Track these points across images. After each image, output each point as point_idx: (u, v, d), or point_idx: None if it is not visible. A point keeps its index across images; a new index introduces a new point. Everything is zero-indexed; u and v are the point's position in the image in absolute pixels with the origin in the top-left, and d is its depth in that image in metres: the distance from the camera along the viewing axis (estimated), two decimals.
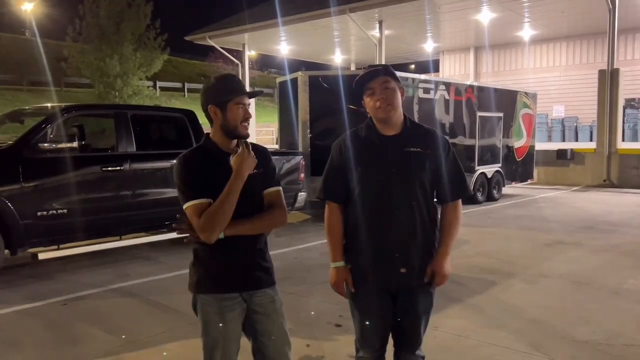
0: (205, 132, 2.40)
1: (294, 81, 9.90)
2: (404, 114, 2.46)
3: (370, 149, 2.38)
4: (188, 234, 2.24)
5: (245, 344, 2.35)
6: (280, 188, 2.39)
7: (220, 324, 2.22)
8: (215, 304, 2.23)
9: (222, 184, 2.17)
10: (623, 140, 16.56)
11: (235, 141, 2.29)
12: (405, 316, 2.41)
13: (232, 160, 2.18)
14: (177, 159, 2.27)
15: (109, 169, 6.12)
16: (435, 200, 2.48)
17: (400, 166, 2.35)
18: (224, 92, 2.24)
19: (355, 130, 2.49)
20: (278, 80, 11.03)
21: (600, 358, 3.64)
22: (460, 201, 2.49)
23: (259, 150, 2.35)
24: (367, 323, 2.40)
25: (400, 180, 2.34)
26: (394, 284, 2.36)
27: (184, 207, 2.20)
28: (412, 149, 2.37)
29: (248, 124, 2.29)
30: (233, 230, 2.18)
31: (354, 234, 2.41)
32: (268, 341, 2.31)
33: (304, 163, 8.71)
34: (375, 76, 2.36)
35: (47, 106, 6.47)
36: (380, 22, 19.46)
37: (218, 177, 2.19)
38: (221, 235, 2.17)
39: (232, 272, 2.25)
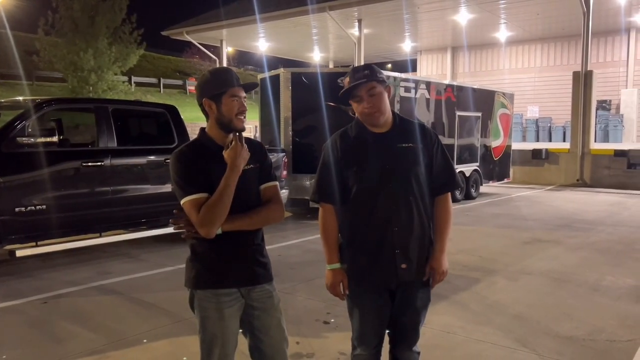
0: (200, 127, 2.36)
1: (276, 78, 9.83)
2: (392, 111, 2.46)
3: (363, 147, 2.37)
4: (186, 230, 2.20)
5: (241, 342, 2.32)
6: (277, 183, 2.37)
7: (218, 320, 2.19)
8: (214, 299, 2.20)
9: (219, 179, 2.14)
10: (595, 141, 16.94)
11: (231, 135, 2.26)
12: (404, 312, 2.41)
13: (226, 154, 2.16)
14: (173, 153, 2.24)
15: (90, 164, 5.99)
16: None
17: (395, 162, 2.35)
18: (218, 85, 2.21)
19: (345, 129, 2.48)
20: (259, 76, 10.97)
21: (585, 353, 3.71)
22: (449, 195, 2.50)
23: (255, 145, 2.33)
24: (367, 320, 2.40)
25: (396, 176, 2.34)
26: (395, 280, 2.36)
27: (182, 202, 2.17)
28: (404, 145, 2.37)
29: (244, 117, 2.25)
30: (231, 225, 2.16)
31: (353, 233, 2.40)
32: (265, 337, 2.29)
33: (286, 160, 8.68)
34: (360, 86, 2.32)
35: (25, 99, 6.30)
36: (360, 21, 19.52)
37: (215, 171, 2.16)
38: (219, 231, 2.14)
39: (230, 268, 2.22)
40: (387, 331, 2.50)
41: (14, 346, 3.81)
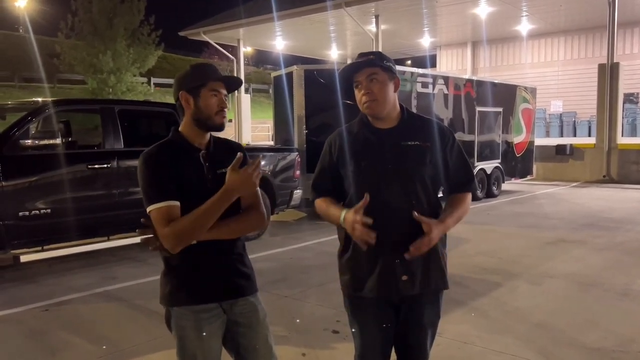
0: (173, 126, 2.15)
1: (290, 76, 9.64)
2: (401, 105, 2.22)
3: (364, 145, 2.15)
4: (156, 241, 1.96)
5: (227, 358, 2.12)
6: (258, 188, 2.14)
7: (198, 340, 1.99)
8: (192, 317, 1.99)
9: (191, 183, 1.95)
10: (622, 135, 16.37)
11: (208, 135, 2.06)
12: (409, 330, 2.17)
13: (229, 172, 1.91)
14: (140, 155, 2.02)
15: (95, 166, 5.86)
16: (440, 195, 2.24)
17: (397, 162, 2.11)
18: (198, 78, 2.02)
19: (349, 125, 2.26)
20: (273, 74, 10.79)
21: None
22: (469, 194, 2.25)
23: (233, 147, 2.14)
24: (369, 337, 2.16)
25: (398, 177, 2.11)
26: (395, 293, 2.12)
27: (148, 210, 1.94)
28: (409, 143, 2.13)
29: (224, 114, 2.05)
30: (206, 234, 1.94)
31: (349, 240, 2.16)
32: (251, 356, 2.08)
33: (299, 160, 8.47)
34: (360, 68, 2.11)
35: (30, 101, 6.21)
36: (377, 17, 19.21)
37: (187, 175, 1.96)
38: (193, 240, 1.93)
39: (209, 281, 2.01)
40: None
41: (5, 357, 3.67)
